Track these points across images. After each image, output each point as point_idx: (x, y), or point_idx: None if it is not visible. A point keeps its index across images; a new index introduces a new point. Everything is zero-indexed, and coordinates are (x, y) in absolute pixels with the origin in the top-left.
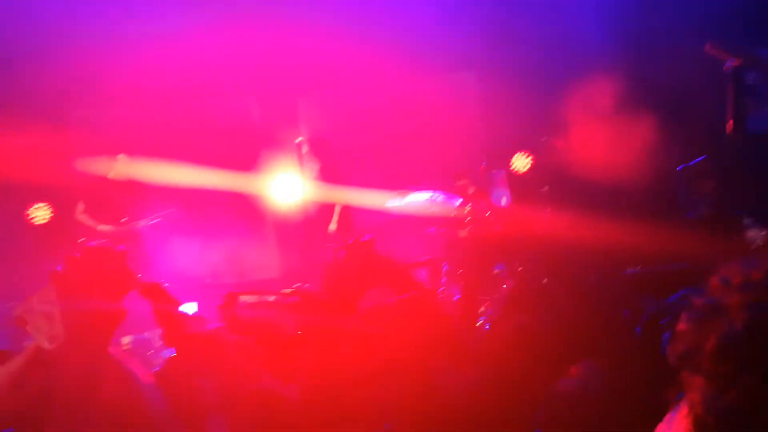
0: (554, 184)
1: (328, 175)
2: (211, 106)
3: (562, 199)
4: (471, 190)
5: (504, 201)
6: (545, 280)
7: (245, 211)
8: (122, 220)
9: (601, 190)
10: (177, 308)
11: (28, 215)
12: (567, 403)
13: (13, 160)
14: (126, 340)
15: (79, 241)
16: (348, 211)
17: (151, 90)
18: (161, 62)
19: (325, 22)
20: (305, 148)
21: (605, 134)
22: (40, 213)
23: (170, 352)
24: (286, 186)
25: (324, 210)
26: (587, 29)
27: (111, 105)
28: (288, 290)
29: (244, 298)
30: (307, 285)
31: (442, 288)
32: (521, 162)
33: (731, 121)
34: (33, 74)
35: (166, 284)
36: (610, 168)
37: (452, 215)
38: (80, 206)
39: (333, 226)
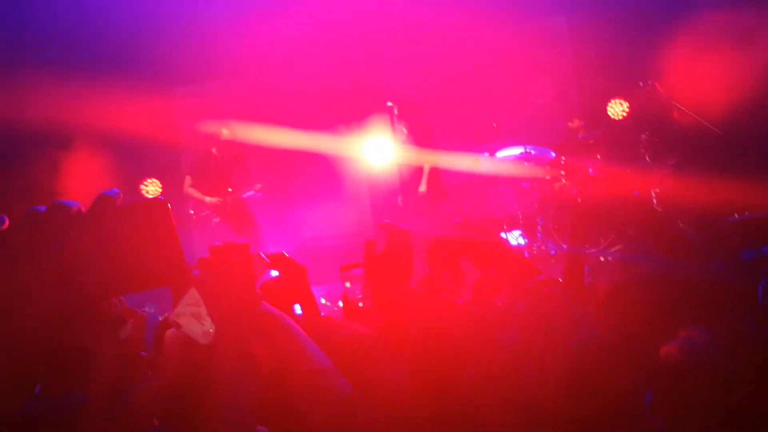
0: (653, 130)
1: (418, 137)
2: (304, 73)
3: (662, 146)
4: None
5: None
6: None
7: (340, 174)
8: (228, 190)
9: (704, 136)
10: (305, 275)
11: (141, 189)
12: (675, 369)
13: (124, 135)
14: None
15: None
16: (437, 171)
17: (248, 61)
18: (255, 36)
19: None
20: (395, 111)
21: (710, 76)
22: (152, 188)
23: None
24: (379, 149)
25: (415, 172)
26: None
27: (213, 78)
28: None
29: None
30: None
31: (537, 244)
32: (618, 108)
33: None
34: (143, 52)
35: (287, 252)
36: (715, 112)
37: (546, 169)
38: (188, 180)
39: (423, 188)
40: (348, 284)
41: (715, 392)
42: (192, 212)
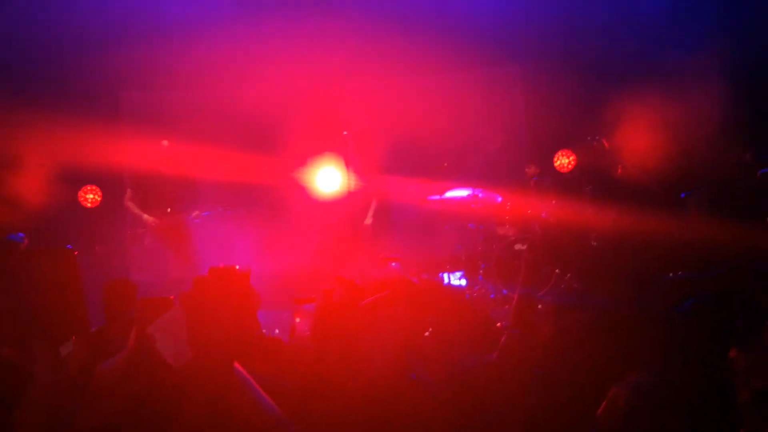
0: (598, 184)
1: (370, 169)
2: (256, 95)
3: (606, 199)
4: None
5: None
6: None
7: (287, 202)
8: (167, 211)
9: (647, 192)
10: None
11: (80, 197)
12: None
13: (66, 145)
14: None
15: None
16: (386, 205)
17: (198, 77)
18: (209, 50)
19: (365, 9)
20: (348, 142)
21: (654, 136)
22: (91, 196)
23: None
24: (329, 178)
25: (363, 203)
26: (641, 28)
27: (160, 90)
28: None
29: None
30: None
31: (477, 286)
32: (564, 161)
33: None
34: (88, 61)
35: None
36: (658, 170)
37: (493, 212)
38: (128, 192)
39: (368, 220)
40: (298, 320)
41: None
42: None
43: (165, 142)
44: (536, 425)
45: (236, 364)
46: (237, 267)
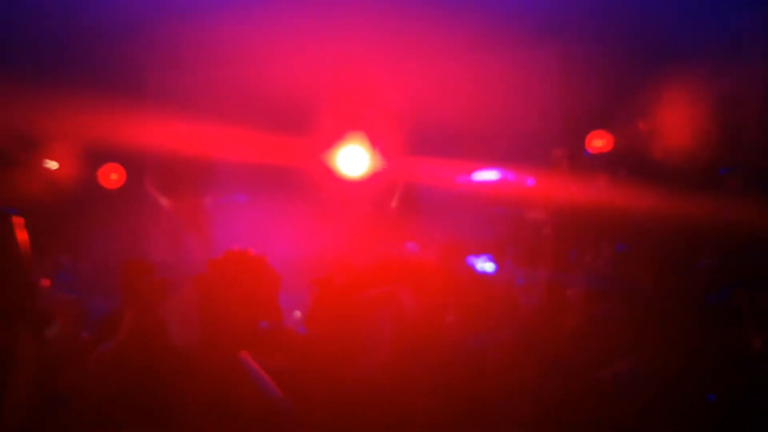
0: (634, 166)
1: (397, 150)
2: (281, 76)
3: (642, 182)
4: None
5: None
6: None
7: (311, 185)
8: (187, 193)
9: (685, 175)
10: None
11: (101, 177)
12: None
13: (90, 125)
14: None
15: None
16: (413, 188)
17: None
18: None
19: None
20: (375, 123)
21: (694, 119)
22: (114, 176)
23: None
24: (355, 160)
25: (390, 185)
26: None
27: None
28: None
29: None
30: None
31: (505, 271)
32: (599, 142)
33: None
34: (114, 40)
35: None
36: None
37: (523, 195)
38: (149, 177)
39: (395, 203)
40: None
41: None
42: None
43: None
44: (548, 415)
45: (243, 353)
46: (252, 250)
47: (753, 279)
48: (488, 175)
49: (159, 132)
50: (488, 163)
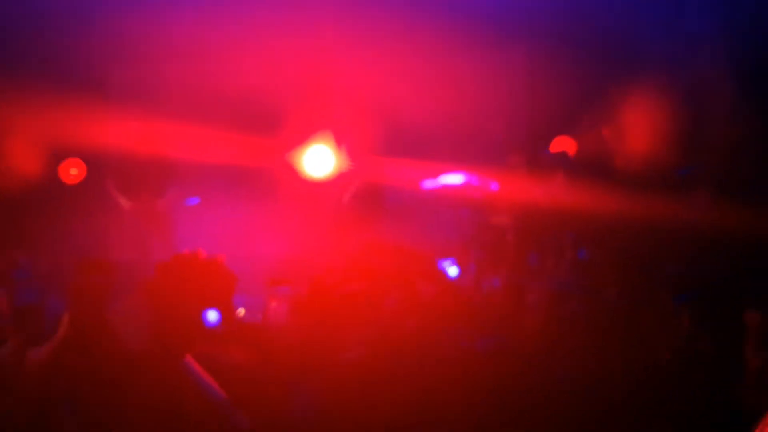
0: (597, 170)
1: (363, 150)
2: (246, 72)
3: (606, 185)
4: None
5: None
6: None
7: (272, 184)
8: (145, 196)
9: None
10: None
11: (61, 172)
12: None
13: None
14: None
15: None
16: (378, 189)
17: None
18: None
19: None
20: (340, 122)
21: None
22: (74, 171)
23: None
24: (320, 160)
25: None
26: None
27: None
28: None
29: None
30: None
31: (469, 274)
32: (564, 147)
33: None
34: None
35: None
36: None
37: (487, 199)
38: (110, 177)
39: (345, 198)
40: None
41: None
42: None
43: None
44: (523, 419)
45: (188, 357)
46: (202, 252)
47: (716, 282)
48: (453, 178)
49: (120, 129)
50: (453, 165)
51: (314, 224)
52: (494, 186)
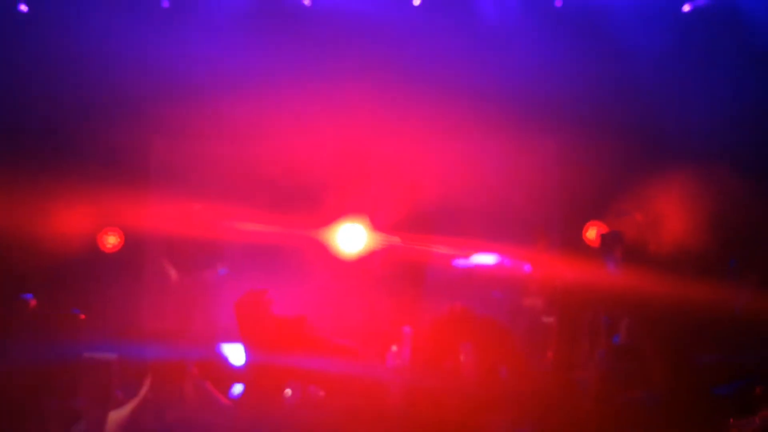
0: (629, 259)
1: (397, 228)
2: (283, 153)
3: (643, 271)
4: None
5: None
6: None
7: (308, 259)
8: (194, 269)
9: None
10: None
11: (99, 240)
12: None
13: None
14: None
15: None
16: (411, 268)
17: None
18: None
19: (401, 71)
20: (374, 201)
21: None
22: (112, 239)
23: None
24: (351, 236)
25: (388, 263)
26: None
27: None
28: None
29: None
30: None
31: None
32: (595, 233)
33: None
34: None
35: None
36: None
37: (520, 281)
38: (163, 248)
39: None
40: None
41: None
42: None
43: (196, 207)
44: None
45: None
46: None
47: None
48: (486, 258)
49: (162, 204)
50: (485, 246)
51: (349, 302)
52: (527, 267)
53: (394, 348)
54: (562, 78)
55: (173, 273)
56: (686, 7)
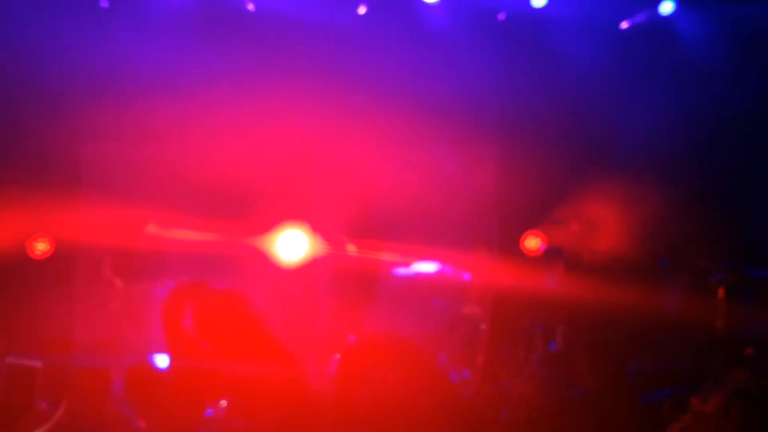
0: (571, 265)
1: (338, 235)
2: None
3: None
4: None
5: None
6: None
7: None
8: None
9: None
10: None
11: (28, 246)
12: None
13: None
14: None
15: None
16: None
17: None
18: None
19: (343, 78)
20: (315, 209)
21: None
22: (41, 246)
23: None
24: (292, 243)
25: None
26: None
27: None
28: None
29: None
30: None
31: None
32: (533, 242)
33: None
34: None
35: None
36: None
37: (460, 289)
38: (107, 260)
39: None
40: None
41: None
42: None
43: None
44: None
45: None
46: None
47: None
48: (426, 266)
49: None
50: (427, 253)
51: (289, 311)
52: (467, 276)
53: (338, 356)
54: (503, 89)
55: (112, 281)
56: (624, 24)
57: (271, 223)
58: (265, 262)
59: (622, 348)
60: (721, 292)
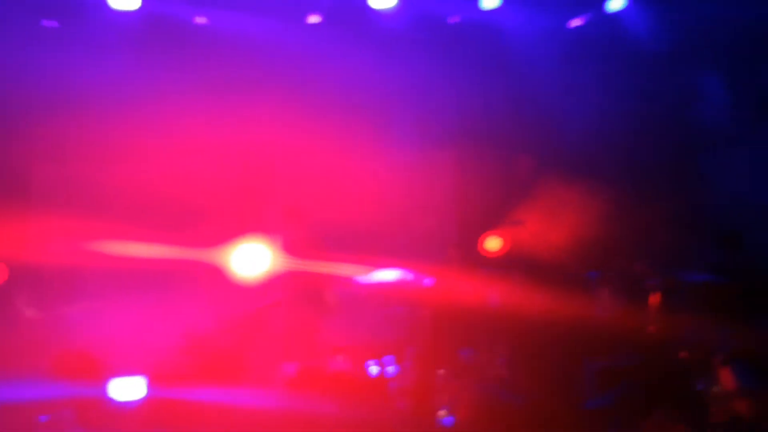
0: (524, 267)
1: (297, 246)
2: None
3: (531, 282)
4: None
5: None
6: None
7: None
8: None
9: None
10: None
11: None
12: None
13: None
14: None
15: None
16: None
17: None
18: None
19: (299, 88)
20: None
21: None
22: None
23: None
24: (252, 256)
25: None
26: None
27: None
28: None
29: None
30: None
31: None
32: (493, 243)
33: None
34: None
35: None
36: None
37: (420, 295)
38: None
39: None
40: None
41: None
42: None
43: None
44: None
45: None
46: None
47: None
48: (387, 274)
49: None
50: (386, 262)
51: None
52: (428, 282)
53: (291, 369)
54: (456, 92)
55: (34, 311)
56: (574, 22)
57: (227, 236)
58: (219, 277)
59: (560, 353)
60: (654, 297)
